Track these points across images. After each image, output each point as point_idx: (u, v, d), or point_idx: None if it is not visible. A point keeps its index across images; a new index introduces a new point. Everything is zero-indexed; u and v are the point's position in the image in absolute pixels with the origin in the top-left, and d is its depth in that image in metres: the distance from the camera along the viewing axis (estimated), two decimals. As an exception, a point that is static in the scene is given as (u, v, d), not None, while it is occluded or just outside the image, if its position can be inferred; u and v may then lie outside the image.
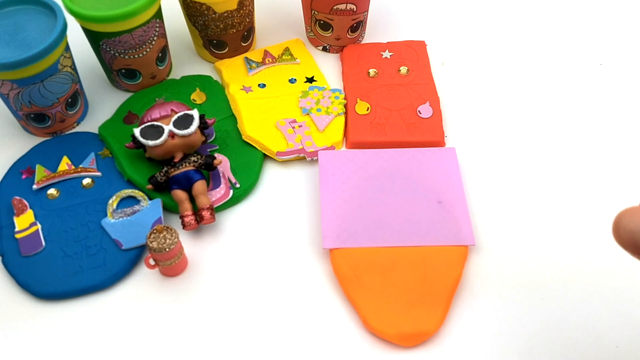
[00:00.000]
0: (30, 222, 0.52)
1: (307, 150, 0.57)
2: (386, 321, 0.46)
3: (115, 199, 0.53)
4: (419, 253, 0.49)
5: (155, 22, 0.58)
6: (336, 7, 0.62)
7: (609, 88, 0.64)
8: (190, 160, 0.53)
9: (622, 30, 0.71)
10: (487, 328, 0.47)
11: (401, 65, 0.64)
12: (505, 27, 0.71)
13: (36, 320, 0.48)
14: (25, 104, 0.55)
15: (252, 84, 0.62)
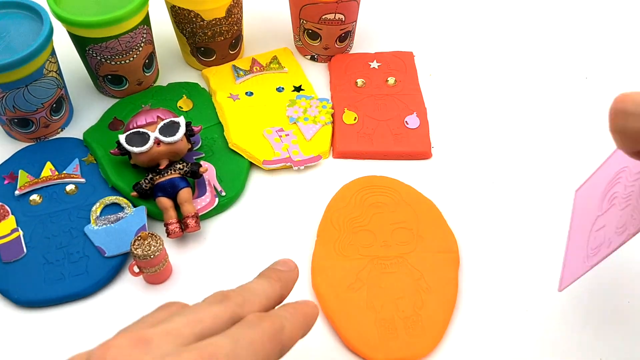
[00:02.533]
0: (12, 228, 0.51)
1: (294, 159, 0.57)
2: (372, 344, 0.45)
3: (99, 206, 0.53)
4: (409, 264, 0.49)
5: (142, 28, 0.58)
6: (325, 16, 0.62)
7: (595, 101, 0.65)
8: (175, 168, 0.53)
9: (608, 44, 0.71)
10: (483, 346, 0.47)
11: (389, 76, 0.64)
12: (492, 39, 0.72)
13: (16, 328, 0.47)
14: (9, 108, 0.54)
15: (240, 92, 0.62)
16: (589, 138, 0.61)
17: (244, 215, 0.54)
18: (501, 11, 0.75)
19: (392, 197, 0.54)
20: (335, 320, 0.46)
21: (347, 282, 0.48)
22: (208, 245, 0.52)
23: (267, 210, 0.55)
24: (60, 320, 0.48)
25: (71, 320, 0.48)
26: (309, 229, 0.53)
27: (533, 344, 0.46)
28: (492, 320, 0.47)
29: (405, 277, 0.48)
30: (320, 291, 0.48)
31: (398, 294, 0.47)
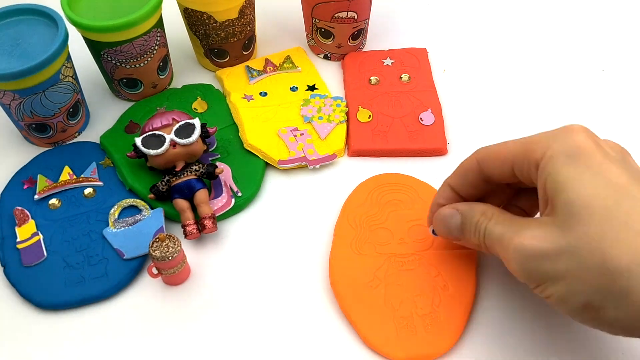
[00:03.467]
0: (32, 233, 0.51)
1: (309, 159, 0.57)
2: (390, 342, 0.45)
3: (117, 209, 0.53)
4: (427, 261, 0.49)
5: (156, 31, 0.58)
6: (337, 15, 0.62)
7: (612, 93, 0.64)
8: (191, 169, 0.53)
9: (624, 35, 0.71)
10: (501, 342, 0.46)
11: (403, 73, 0.64)
12: (507, 33, 0.71)
13: (38, 331, 0.48)
14: (27, 114, 0.55)
15: (254, 93, 0.62)
16: (606, 131, 0.60)
17: (260, 215, 0.55)
18: (516, 4, 0.75)
19: (408, 194, 0.53)
20: (353, 318, 0.46)
21: (364, 280, 0.48)
22: (225, 246, 0.52)
23: (284, 209, 0.55)
24: (81, 322, 0.48)
25: (92, 322, 0.48)
26: (325, 228, 0.53)
27: (553, 340, 0.46)
28: (511, 317, 0.47)
29: (422, 275, 0.48)
30: (338, 289, 0.48)
31: (416, 292, 0.47)
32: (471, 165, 0.43)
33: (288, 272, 0.50)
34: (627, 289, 0.33)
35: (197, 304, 0.49)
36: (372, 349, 0.45)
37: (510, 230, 0.38)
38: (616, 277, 0.33)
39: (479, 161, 0.42)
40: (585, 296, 0.34)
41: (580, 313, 0.36)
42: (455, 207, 0.44)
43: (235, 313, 0.48)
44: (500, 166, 0.41)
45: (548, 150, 0.37)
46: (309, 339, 0.47)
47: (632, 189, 0.35)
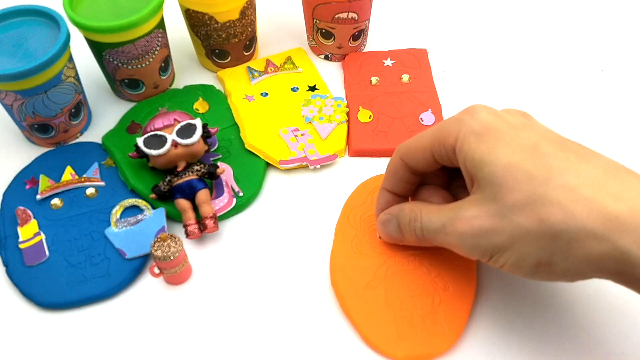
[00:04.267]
0: (34, 232, 0.52)
1: (310, 159, 0.57)
2: (390, 341, 0.45)
3: (119, 209, 0.53)
4: (427, 261, 0.49)
5: (157, 32, 0.59)
6: (337, 15, 0.62)
7: (611, 94, 0.64)
8: (193, 169, 0.53)
9: (624, 36, 0.71)
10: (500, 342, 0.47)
11: (403, 73, 0.64)
12: (506, 33, 0.71)
13: (40, 331, 0.48)
14: (29, 114, 0.55)
15: (255, 93, 0.63)
16: (606, 131, 0.61)
17: (261, 215, 0.55)
18: (515, 5, 0.75)
19: (409, 194, 0.54)
20: (354, 318, 0.46)
21: (365, 279, 0.48)
22: (227, 246, 0.53)
23: (285, 209, 0.55)
24: (83, 321, 0.48)
25: (94, 321, 0.48)
26: (326, 228, 0.53)
27: (553, 339, 0.46)
28: (511, 317, 0.47)
29: (423, 274, 0.48)
30: (339, 289, 0.48)
31: (416, 291, 0.47)
32: (397, 164, 0.46)
33: (289, 271, 0.51)
34: (569, 242, 0.35)
35: (198, 303, 0.49)
36: (372, 349, 0.46)
37: (447, 218, 0.40)
38: (556, 232, 0.35)
39: (402, 157, 0.45)
40: (534, 257, 0.37)
41: (534, 273, 0.38)
42: (390, 212, 0.46)
43: (236, 312, 0.48)
44: (422, 157, 0.43)
45: (459, 133, 0.40)
46: (309, 338, 0.47)
47: (542, 146, 0.37)
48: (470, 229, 0.39)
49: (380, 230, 0.48)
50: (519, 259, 0.38)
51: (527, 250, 0.37)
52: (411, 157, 0.44)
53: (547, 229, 0.35)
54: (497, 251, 0.38)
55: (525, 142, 0.38)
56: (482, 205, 0.38)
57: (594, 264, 0.35)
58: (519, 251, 0.37)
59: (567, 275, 0.37)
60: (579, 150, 0.38)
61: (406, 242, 0.46)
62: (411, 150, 0.44)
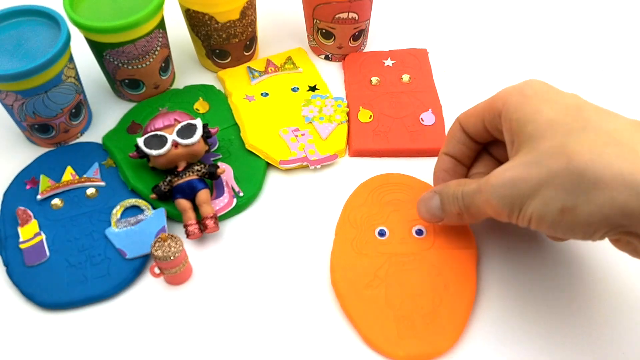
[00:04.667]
0: (35, 232, 0.52)
1: (310, 159, 0.57)
2: (391, 341, 0.45)
3: (119, 209, 0.53)
4: (427, 260, 0.49)
5: (158, 32, 0.59)
6: (338, 16, 0.62)
7: (612, 94, 0.64)
8: (193, 170, 0.53)
9: (624, 36, 0.71)
10: (502, 343, 0.47)
11: (403, 73, 0.64)
12: (507, 33, 0.71)
13: (41, 330, 0.48)
14: (30, 114, 0.55)
15: (255, 93, 0.63)
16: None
17: (262, 215, 0.55)
18: (516, 5, 0.75)
19: (409, 194, 0.54)
20: (354, 318, 0.46)
21: (365, 279, 0.48)
22: (227, 246, 0.53)
23: (285, 209, 0.55)
24: (83, 321, 0.48)
25: (94, 321, 0.48)
26: (326, 228, 0.53)
27: (553, 339, 0.46)
28: (512, 316, 0.47)
29: (423, 274, 0.48)
30: (339, 289, 0.48)
31: (416, 291, 0.47)
32: (456, 127, 0.48)
33: (289, 271, 0.51)
34: (595, 180, 0.35)
35: (199, 303, 0.49)
36: (372, 349, 0.46)
37: (484, 178, 0.42)
38: (583, 172, 0.36)
39: (460, 122, 0.48)
40: (559, 201, 0.37)
41: (559, 220, 0.37)
42: (433, 190, 0.48)
43: (236, 312, 0.48)
44: (474, 123, 0.46)
45: (508, 97, 0.42)
46: (310, 338, 0.47)
47: (585, 107, 0.39)
48: (501, 179, 0.40)
49: (421, 209, 0.49)
50: (545, 204, 0.37)
51: (552, 194, 0.37)
52: (466, 122, 0.47)
53: (574, 168, 0.36)
54: (525, 200, 0.38)
55: (570, 102, 0.39)
56: (517, 159, 0.40)
57: (619, 205, 0.35)
58: (544, 196, 0.37)
59: (592, 222, 0.36)
60: (621, 115, 0.39)
61: (446, 220, 0.47)
62: (467, 115, 0.47)
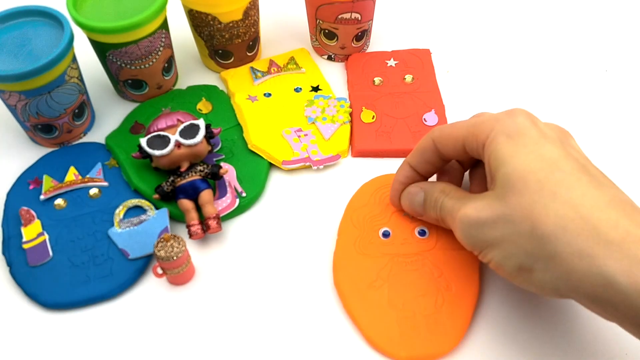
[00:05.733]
0: (38, 233, 0.52)
1: (313, 159, 0.57)
2: (394, 342, 0.45)
3: (122, 209, 0.53)
4: (430, 261, 0.49)
5: (161, 32, 0.59)
6: (341, 16, 0.62)
7: (615, 94, 0.64)
8: (196, 170, 0.53)
9: (627, 37, 0.71)
10: (503, 344, 0.46)
11: (406, 74, 0.64)
12: (510, 34, 0.71)
13: (44, 330, 0.48)
14: (33, 115, 0.55)
15: (258, 94, 0.63)
16: (609, 132, 0.60)
17: (264, 215, 0.55)
18: (519, 6, 0.75)
19: (412, 194, 0.54)
20: (357, 318, 0.46)
21: (368, 280, 0.48)
22: (230, 246, 0.53)
23: (288, 210, 0.55)
24: (86, 322, 0.48)
25: (97, 321, 0.48)
26: (329, 228, 0.53)
27: (556, 340, 0.46)
28: (514, 317, 0.47)
29: (426, 275, 0.48)
30: (342, 289, 0.48)
31: (419, 292, 0.47)
32: (428, 145, 0.47)
33: (292, 272, 0.51)
34: (554, 252, 0.36)
35: (201, 303, 0.49)
36: (375, 349, 0.46)
37: (458, 203, 0.43)
38: (544, 241, 0.36)
39: (435, 140, 0.46)
40: (518, 259, 0.38)
41: (515, 275, 0.39)
42: (420, 186, 0.48)
43: (239, 312, 0.48)
44: (454, 145, 0.45)
45: (492, 131, 0.41)
46: (312, 338, 0.47)
47: (562, 163, 0.38)
48: (469, 217, 0.41)
49: (405, 200, 0.50)
50: (505, 257, 0.39)
51: (514, 251, 0.38)
52: (443, 143, 0.46)
53: (538, 234, 0.37)
54: (488, 246, 0.40)
55: (548, 155, 0.39)
56: (489, 200, 0.40)
57: (573, 282, 0.36)
58: (505, 250, 0.39)
59: (544, 288, 0.38)
60: (596, 176, 0.39)
61: (425, 217, 0.48)
62: (444, 137, 0.45)
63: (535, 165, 0.38)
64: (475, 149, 0.43)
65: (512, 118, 0.41)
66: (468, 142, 0.43)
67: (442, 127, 0.46)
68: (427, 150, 0.47)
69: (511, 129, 0.40)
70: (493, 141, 0.41)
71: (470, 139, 0.43)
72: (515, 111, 0.42)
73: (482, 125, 0.42)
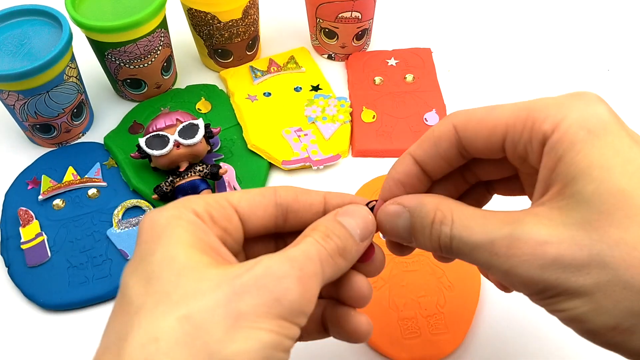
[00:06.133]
0: (36, 233, 0.51)
1: (313, 159, 0.57)
2: (395, 343, 0.45)
3: (121, 209, 0.53)
4: (431, 262, 0.49)
5: (160, 31, 0.58)
6: (341, 15, 0.62)
7: (617, 94, 0.64)
8: (195, 170, 0.53)
9: (629, 36, 0.70)
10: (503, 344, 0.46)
11: (407, 73, 0.64)
12: (511, 33, 0.71)
13: (42, 331, 0.48)
14: (31, 114, 0.55)
15: (258, 93, 0.62)
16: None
17: (264, 215, 0.54)
18: (520, 5, 0.75)
19: (413, 195, 0.53)
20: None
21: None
22: (229, 247, 0.52)
23: (287, 210, 0.55)
24: (84, 322, 0.48)
25: (95, 322, 0.48)
26: (329, 229, 0.53)
27: (558, 342, 0.46)
28: (516, 318, 0.47)
29: (427, 275, 0.48)
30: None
31: (420, 293, 0.47)
32: (446, 133, 0.33)
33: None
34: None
35: (200, 304, 0.49)
36: (376, 350, 0.45)
37: (500, 233, 0.29)
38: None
39: (457, 127, 0.33)
40: (614, 318, 0.27)
41: (603, 334, 0.28)
42: (401, 203, 0.33)
43: (239, 314, 0.48)
44: (487, 136, 0.31)
45: (563, 121, 0.28)
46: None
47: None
48: (540, 257, 0.27)
49: (383, 223, 0.34)
50: (593, 312, 0.27)
51: (608, 305, 0.27)
52: (470, 130, 0.32)
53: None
54: (567, 294, 0.28)
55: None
56: (564, 229, 0.28)
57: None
58: (596, 303, 0.27)
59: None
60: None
61: (415, 245, 0.34)
62: (473, 122, 0.32)
63: (635, 183, 0.27)
64: (526, 142, 0.30)
65: (589, 106, 0.29)
66: (513, 131, 0.30)
67: (470, 111, 0.33)
68: (444, 141, 0.33)
69: (592, 123, 0.28)
70: (567, 135, 0.28)
71: (519, 130, 0.30)
72: (586, 95, 0.29)
73: (541, 112, 0.30)
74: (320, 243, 0.29)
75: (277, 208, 0.32)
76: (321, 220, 0.32)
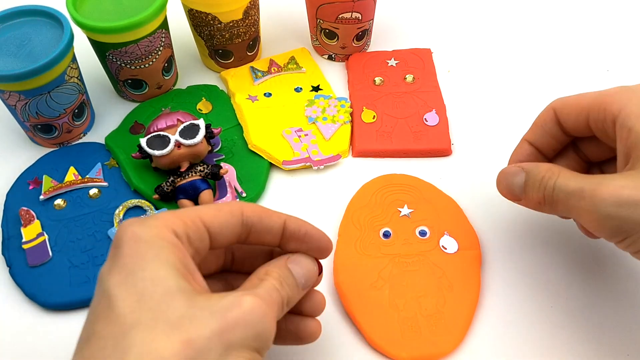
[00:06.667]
0: (37, 233, 0.52)
1: (313, 159, 0.57)
2: (395, 342, 0.45)
3: (122, 209, 0.53)
4: (431, 261, 0.49)
5: (161, 32, 0.58)
6: (341, 15, 0.62)
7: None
8: (196, 170, 0.53)
9: (629, 36, 0.71)
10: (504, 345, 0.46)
11: (407, 73, 0.64)
12: (511, 33, 0.71)
13: (43, 331, 0.48)
14: (32, 115, 0.55)
15: (258, 93, 0.62)
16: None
17: (264, 215, 0.55)
18: (520, 5, 0.75)
19: (413, 195, 0.53)
20: (358, 319, 0.46)
21: (369, 280, 0.48)
22: (230, 246, 0.52)
23: (288, 210, 0.54)
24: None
25: (97, 322, 0.48)
26: (330, 228, 0.53)
27: (557, 340, 0.46)
28: (516, 318, 0.47)
29: (427, 275, 0.48)
30: (343, 290, 0.48)
31: (420, 292, 0.47)
32: (548, 115, 0.44)
33: (292, 272, 0.50)
34: None
35: (201, 304, 0.49)
36: (376, 350, 0.45)
37: (590, 182, 0.37)
38: None
39: (556, 109, 0.43)
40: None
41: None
42: (521, 165, 0.43)
43: (239, 313, 0.48)
44: (576, 116, 0.41)
45: (628, 103, 0.37)
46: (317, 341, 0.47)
47: None
48: (616, 196, 0.35)
49: (501, 181, 0.44)
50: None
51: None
52: (565, 113, 0.43)
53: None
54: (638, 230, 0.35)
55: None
56: (637, 179, 0.36)
57: None
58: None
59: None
60: None
61: (524, 201, 0.43)
62: (567, 106, 0.42)
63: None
64: (602, 122, 0.39)
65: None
66: (593, 113, 0.40)
67: (565, 97, 0.43)
68: (548, 122, 0.44)
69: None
70: (631, 115, 0.37)
71: (597, 110, 0.39)
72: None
73: (612, 97, 0.39)
74: (278, 289, 0.35)
75: (242, 227, 0.36)
76: (274, 265, 0.37)
